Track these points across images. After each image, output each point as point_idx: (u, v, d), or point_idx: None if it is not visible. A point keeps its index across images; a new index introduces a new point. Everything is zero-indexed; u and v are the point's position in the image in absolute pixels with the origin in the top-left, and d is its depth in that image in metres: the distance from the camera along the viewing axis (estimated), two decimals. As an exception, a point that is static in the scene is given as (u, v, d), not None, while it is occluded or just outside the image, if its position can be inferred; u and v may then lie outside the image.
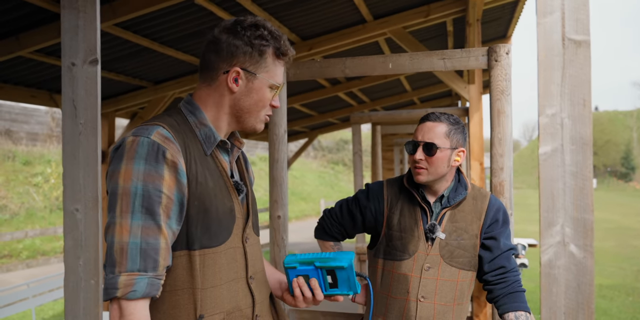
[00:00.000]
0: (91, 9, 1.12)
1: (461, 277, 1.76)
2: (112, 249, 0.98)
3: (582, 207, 0.92)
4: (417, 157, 1.73)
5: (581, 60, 0.93)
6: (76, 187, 1.18)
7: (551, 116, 0.94)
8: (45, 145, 15.97)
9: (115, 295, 0.97)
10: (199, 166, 1.10)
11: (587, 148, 0.92)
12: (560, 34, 0.94)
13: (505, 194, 2.11)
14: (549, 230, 0.93)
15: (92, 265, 1.16)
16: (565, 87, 0.94)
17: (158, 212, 1.00)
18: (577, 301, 0.92)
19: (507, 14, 5.37)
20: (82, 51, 1.15)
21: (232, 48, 1.10)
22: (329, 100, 7.47)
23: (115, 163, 1.02)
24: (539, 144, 0.96)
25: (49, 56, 3.58)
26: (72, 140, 1.17)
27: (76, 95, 1.16)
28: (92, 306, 1.14)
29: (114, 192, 1.00)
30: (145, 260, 0.98)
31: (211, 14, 3.42)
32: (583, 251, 0.92)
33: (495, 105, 2.11)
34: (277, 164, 2.41)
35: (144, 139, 1.02)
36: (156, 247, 1.00)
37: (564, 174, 0.93)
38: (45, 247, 10.81)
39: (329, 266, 1.18)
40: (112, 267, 0.98)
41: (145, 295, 0.98)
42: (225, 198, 1.14)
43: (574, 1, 0.93)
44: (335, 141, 31.20)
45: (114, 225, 0.99)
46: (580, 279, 0.92)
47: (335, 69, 2.37)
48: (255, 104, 1.14)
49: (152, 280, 1.00)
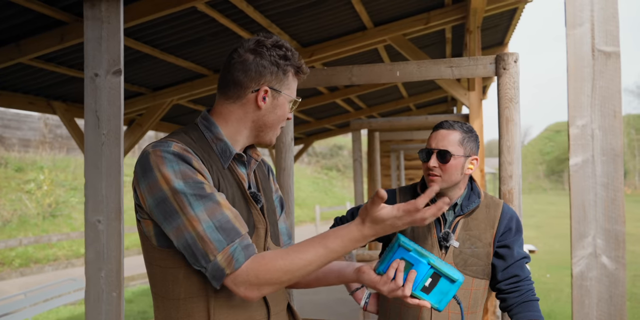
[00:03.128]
0: (115, 20, 1.11)
1: (475, 286, 1.76)
2: (196, 245, 1.01)
3: (613, 218, 0.92)
4: (431, 164, 1.73)
5: (611, 72, 0.93)
6: (98, 198, 1.16)
7: (582, 127, 0.94)
8: (38, 152, 15.84)
9: (225, 273, 1.00)
10: (220, 178, 1.13)
11: (618, 159, 0.93)
12: (590, 45, 0.94)
13: (514, 202, 2.11)
14: (580, 242, 0.93)
15: (114, 277, 1.14)
16: (595, 99, 0.94)
17: (209, 193, 1.04)
18: (610, 313, 0.91)
19: (505, 21, 5.42)
20: (105, 62, 1.14)
21: (260, 68, 1.17)
22: (326, 107, 7.48)
23: (147, 176, 1.05)
24: (569, 155, 0.96)
25: (48, 63, 3.56)
26: (94, 151, 1.16)
27: (99, 106, 1.15)
28: (114, 319, 1.12)
29: (164, 198, 1.03)
30: (227, 233, 1.02)
31: (213, 20, 3.42)
32: (615, 263, 0.92)
33: (503, 113, 2.12)
34: (284, 172, 2.40)
35: (166, 148, 1.06)
36: (227, 219, 1.03)
37: (595, 186, 0.93)
38: (39, 255, 10.69)
39: (443, 271, 1.12)
40: (206, 258, 1.01)
41: (247, 258, 1.02)
42: (244, 209, 1.17)
43: (604, 12, 0.94)
44: (329, 147, 31.21)
45: (183, 224, 1.02)
46: (612, 291, 0.92)
47: (342, 77, 2.37)
48: (278, 118, 1.21)
49: (243, 243, 1.03)
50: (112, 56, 1.14)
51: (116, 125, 1.15)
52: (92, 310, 1.13)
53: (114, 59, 1.14)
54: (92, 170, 1.17)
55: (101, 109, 1.15)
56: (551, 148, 49.40)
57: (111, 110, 1.15)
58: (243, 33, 3.69)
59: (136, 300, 7.64)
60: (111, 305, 1.13)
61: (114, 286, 1.13)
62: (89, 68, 1.16)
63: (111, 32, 1.12)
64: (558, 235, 17.06)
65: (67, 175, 15.03)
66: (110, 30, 1.12)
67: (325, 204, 22.38)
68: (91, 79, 1.16)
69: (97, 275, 1.14)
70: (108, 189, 1.17)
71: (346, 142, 30.77)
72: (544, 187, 45.69)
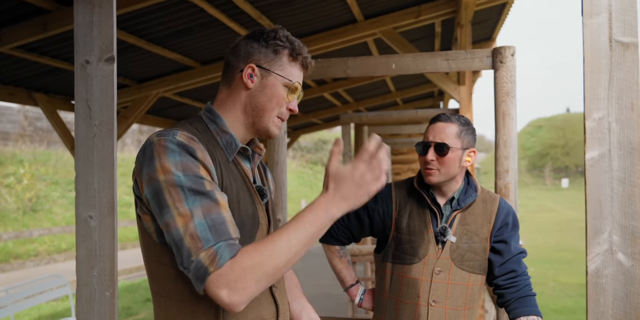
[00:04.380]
0: (107, 4, 1.05)
1: (472, 281, 1.74)
2: (183, 241, 0.94)
3: (630, 214, 0.90)
4: (428, 157, 1.71)
5: (629, 63, 0.90)
6: (90, 193, 1.10)
7: (598, 120, 0.91)
8: (17, 145, 15.50)
9: (209, 272, 0.91)
10: (224, 171, 1.09)
11: (635, 153, 0.90)
12: (608, 36, 0.91)
13: (510, 197, 2.09)
14: (596, 238, 0.91)
15: (108, 276, 1.08)
16: (612, 91, 0.91)
17: (208, 190, 0.98)
18: (625, 311, 0.89)
19: (494, 16, 5.42)
20: (97, 48, 1.07)
21: (248, 48, 1.15)
22: (313, 101, 7.43)
23: (148, 164, 0.99)
24: (584, 149, 0.93)
25: (30, 53, 3.44)
26: (85, 143, 1.09)
27: (90, 95, 1.08)
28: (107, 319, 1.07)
29: (159, 190, 0.97)
30: (217, 234, 0.95)
31: (202, 11, 3.34)
32: (631, 259, 0.90)
33: (500, 107, 2.10)
34: (277, 166, 2.35)
35: (170, 138, 1.01)
36: (222, 220, 0.97)
37: (612, 180, 0.90)
38: (19, 250, 10.47)
39: None
40: (189, 256, 0.93)
41: (232, 255, 0.93)
42: (249, 204, 1.12)
43: (622, 2, 0.91)
44: (314, 141, 31.17)
45: (174, 218, 0.95)
46: (628, 288, 0.89)
47: (337, 69, 2.32)
48: (269, 99, 1.15)
49: (229, 242, 0.95)
50: (104, 42, 1.07)
51: (109, 116, 1.09)
52: (83, 310, 1.07)
53: (106, 45, 1.07)
54: (84, 163, 1.10)
55: (93, 98, 1.08)
56: (533, 143, 50.01)
57: (104, 99, 1.09)
58: (232, 24, 3.61)
59: (120, 296, 7.54)
60: (104, 305, 1.07)
61: (106, 285, 1.07)
62: (79, 54, 1.09)
63: (103, 16, 1.05)
64: (540, 229, 17.32)
65: (47, 169, 14.74)
66: (103, 14, 1.05)
67: (310, 199, 22.38)
68: (82, 66, 1.09)
69: (89, 274, 1.08)
70: (100, 183, 1.10)
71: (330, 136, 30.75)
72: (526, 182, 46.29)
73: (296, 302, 1.37)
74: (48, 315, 6.52)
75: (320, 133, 30.55)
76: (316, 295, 6.88)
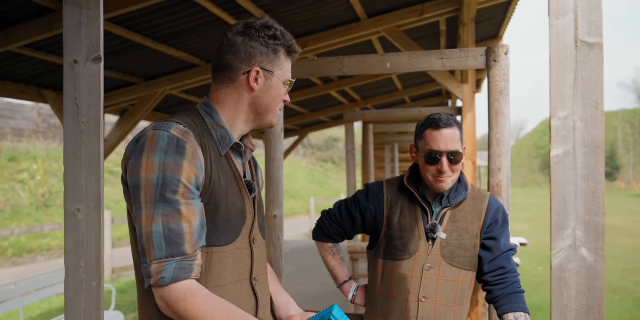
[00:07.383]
0: (95, 6, 1.09)
1: (462, 277, 1.76)
2: (141, 239, 1.03)
3: (593, 210, 0.92)
4: (444, 168, 1.68)
5: (594, 63, 0.92)
6: (78, 187, 1.15)
7: (563, 119, 0.93)
8: (31, 141, 15.75)
9: (152, 283, 1.01)
10: (214, 165, 1.12)
11: (599, 151, 0.92)
12: (573, 36, 0.93)
13: (503, 195, 2.11)
14: (560, 234, 0.93)
15: (94, 266, 1.13)
16: (577, 90, 0.93)
17: (175, 198, 1.03)
18: (588, 305, 0.91)
19: (500, 14, 5.39)
20: (84, 48, 1.12)
21: (249, 49, 1.16)
22: (320, 99, 7.45)
23: (136, 157, 1.04)
24: (550, 146, 0.96)
25: (39, 51, 3.51)
26: (74, 139, 1.14)
27: (78, 93, 1.13)
28: (94, 309, 1.12)
29: (138, 185, 1.03)
30: (171, 247, 1.01)
31: (205, 10, 3.38)
32: (594, 255, 0.92)
33: (493, 105, 2.11)
34: (273, 163, 2.39)
35: (164, 132, 1.05)
36: (180, 232, 1.02)
37: (576, 177, 0.92)
38: (32, 245, 10.66)
39: None
40: (144, 257, 1.03)
41: (174, 280, 1.01)
42: (237, 198, 1.16)
43: (588, 3, 0.93)
44: (325, 139, 31.19)
45: (140, 216, 1.03)
46: (591, 283, 0.92)
47: (333, 67, 2.35)
48: (274, 100, 1.20)
49: (181, 264, 1.02)
50: (91, 43, 1.12)
51: (96, 114, 1.14)
52: (71, 300, 1.12)
53: (93, 46, 1.12)
54: (72, 159, 1.15)
55: (80, 96, 1.13)
56: (546, 142, 49.53)
57: (91, 98, 1.14)
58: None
59: (129, 291, 7.64)
60: (91, 294, 1.12)
61: (93, 276, 1.12)
62: (68, 55, 1.14)
63: (91, 18, 1.10)
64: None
65: (60, 165, 14.96)
66: (90, 16, 1.10)
67: (320, 196, 22.42)
68: (70, 66, 1.14)
69: (76, 265, 1.14)
70: (87, 178, 1.15)
71: (341, 134, 30.72)
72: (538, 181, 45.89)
73: (280, 295, 1.40)
74: (59, 308, 6.64)
75: (331, 131, 30.56)
76: (322, 292, 6.92)
